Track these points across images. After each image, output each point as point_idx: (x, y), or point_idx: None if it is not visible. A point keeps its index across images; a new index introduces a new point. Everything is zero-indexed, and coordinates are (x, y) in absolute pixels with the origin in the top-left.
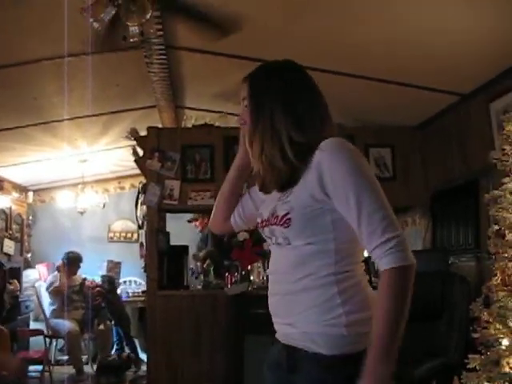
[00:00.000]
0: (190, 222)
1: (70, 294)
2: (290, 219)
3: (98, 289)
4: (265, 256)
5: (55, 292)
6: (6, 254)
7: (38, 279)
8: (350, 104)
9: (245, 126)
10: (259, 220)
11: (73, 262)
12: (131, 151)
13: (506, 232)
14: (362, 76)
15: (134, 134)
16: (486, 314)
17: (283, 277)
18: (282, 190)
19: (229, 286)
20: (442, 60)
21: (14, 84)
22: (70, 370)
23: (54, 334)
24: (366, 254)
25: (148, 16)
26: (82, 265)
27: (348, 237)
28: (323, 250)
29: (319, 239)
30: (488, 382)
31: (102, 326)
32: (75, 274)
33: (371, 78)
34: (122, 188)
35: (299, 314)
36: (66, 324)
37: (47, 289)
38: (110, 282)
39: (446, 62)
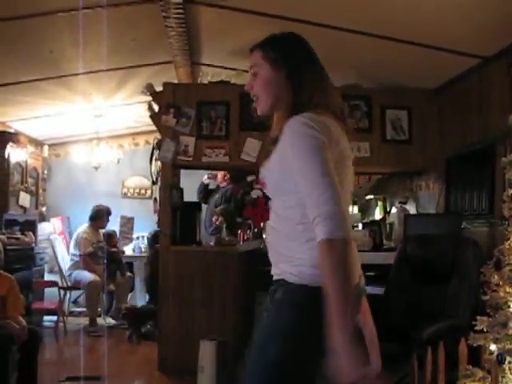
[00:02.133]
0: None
1: (96, 248)
2: (265, 184)
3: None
4: None
5: (83, 243)
6: (21, 206)
7: (53, 232)
8: (367, 64)
9: (251, 92)
10: None
11: (100, 215)
12: (147, 107)
13: None
14: (381, 36)
15: (149, 89)
16: (496, 277)
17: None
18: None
19: (241, 243)
20: (464, 21)
21: (29, 36)
22: (83, 321)
23: (75, 285)
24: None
25: None
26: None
27: None
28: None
29: (287, 204)
30: (495, 343)
31: (122, 278)
32: (103, 227)
33: (390, 38)
34: (137, 144)
35: None
36: (88, 275)
37: (76, 239)
38: (156, 236)
39: (468, 24)
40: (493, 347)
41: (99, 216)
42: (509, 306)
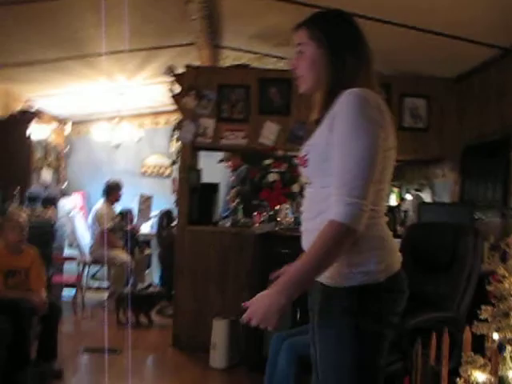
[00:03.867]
0: (221, 161)
1: (116, 223)
2: (307, 160)
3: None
4: (293, 198)
5: (103, 218)
6: (43, 183)
7: (74, 208)
8: (389, 52)
9: (296, 71)
10: None
11: (113, 189)
12: (168, 88)
13: None
14: (403, 24)
15: (171, 70)
16: (502, 268)
17: (305, 215)
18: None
19: (256, 225)
20: (485, 12)
21: (55, 16)
22: (100, 295)
23: (108, 262)
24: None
25: None
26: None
27: None
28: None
29: (330, 180)
30: (496, 331)
31: (141, 256)
32: (118, 200)
33: (412, 27)
34: (157, 123)
35: None
36: (120, 254)
37: (94, 216)
38: (166, 216)
39: (489, 14)
40: (495, 336)
41: (113, 189)
42: None
